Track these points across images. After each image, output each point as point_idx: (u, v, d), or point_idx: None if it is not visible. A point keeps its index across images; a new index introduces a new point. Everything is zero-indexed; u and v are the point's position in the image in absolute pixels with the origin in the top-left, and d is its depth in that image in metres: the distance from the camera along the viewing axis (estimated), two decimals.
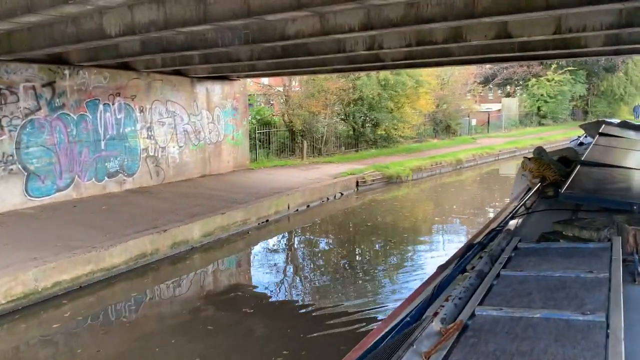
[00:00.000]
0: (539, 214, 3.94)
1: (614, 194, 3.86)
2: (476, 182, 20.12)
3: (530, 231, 3.41)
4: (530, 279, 2.28)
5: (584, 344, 1.65)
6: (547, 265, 2.41)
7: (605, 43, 8.38)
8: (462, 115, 30.84)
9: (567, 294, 2.04)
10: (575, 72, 38.86)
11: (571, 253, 2.56)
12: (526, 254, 2.69)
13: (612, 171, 4.69)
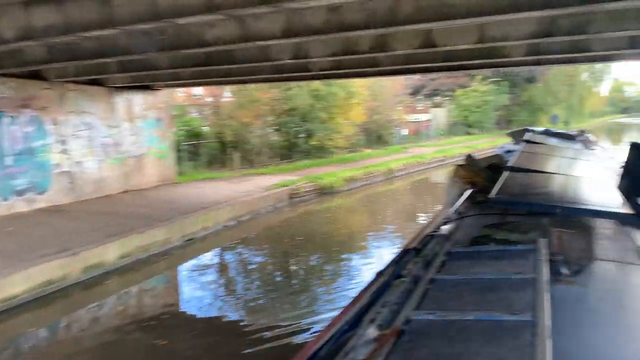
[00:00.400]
0: (470, 219, 4.05)
1: (539, 198, 3.99)
2: (408, 191, 20.31)
3: (463, 235, 3.49)
4: (462, 282, 2.33)
5: (513, 343, 1.69)
6: (478, 268, 2.48)
7: (526, 53, 8.50)
8: (394, 125, 31.28)
9: (497, 296, 2.09)
10: (499, 83, 40.56)
11: (500, 255, 2.62)
12: (458, 257, 2.74)
13: (537, 176, 4.84)
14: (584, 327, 2.04)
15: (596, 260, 2.75)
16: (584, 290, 2.41)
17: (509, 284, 2.20)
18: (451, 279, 2.44)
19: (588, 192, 4.36)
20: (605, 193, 4.26)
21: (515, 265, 2.42)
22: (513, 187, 4.23)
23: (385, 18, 6.15)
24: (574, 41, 7.87)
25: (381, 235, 12.76)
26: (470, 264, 2.59)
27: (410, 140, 33.27)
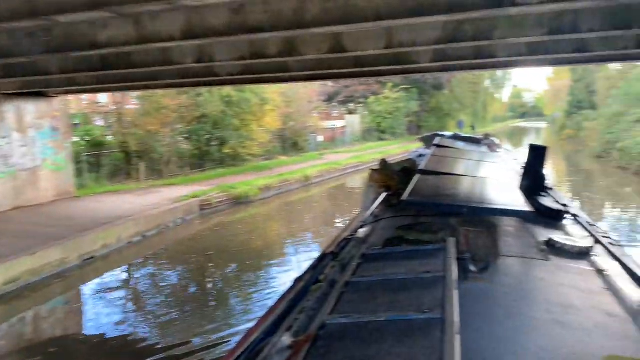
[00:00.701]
0: (385, 221, 4.09)
1: (448, 199, 4.11)
2: (325, 197, 20.22)
3: (378, 238, 3.53)
4: (376, 284, 2.35)
5: (423, 341, 1.72)
6: (391, 269, 2.50)
7: (433, 59, 8.54)
8: (309, 132, 31.25)
9: (409, 295, 2.11)
10: (408, 90, 41.91)
11: (412, 256, 2.67)
12: (372, 260, 2.76)
13: (446, 178, 4.99)
14: (491, 321, 2.09)
15: (501, 257, 2.85)
16: (490, 286, 2.48)
17: (420, 283, 2.23)
18: (365, 281, 2.45)
19: (493, 192, 4.49)
20: (508, 193, 4.40)
21: (426, 264, 2.46)
22: (424, 189, 4.33)
23: (291, 20, 5.84)
24: (478, 47, 8.00)
25: (299, 242, 12.58)
26: (384, 266, 2.61)
27: (326, 147, 33.39)
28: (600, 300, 2.37)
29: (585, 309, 2.25)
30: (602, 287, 2.56)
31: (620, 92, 33.07)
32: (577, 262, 2.93)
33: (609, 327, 2.08)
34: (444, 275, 2.23)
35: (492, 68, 9.83)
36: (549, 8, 5.44)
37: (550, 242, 3.17)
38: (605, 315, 2.19)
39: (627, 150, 23.07)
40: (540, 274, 2.72)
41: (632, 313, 2.24)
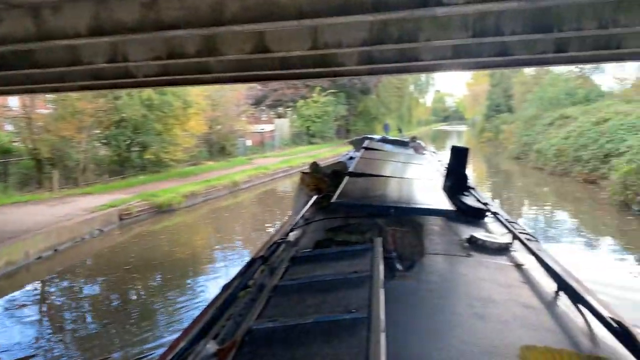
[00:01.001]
0: (315, 224, 4.13)
1: (376, 200, 4.16)
2: (255, 203, 19.74)
3: (308, 240, 3.56)
4: (304, 287, 2.32)
5: (350, 340, 1.72)
6: (319, 271, 2.48)
7: (359, 61, 8.39)
8: (237, 136, 30.62)
9: (336, 296, 2.10)
10: (337, 94, 42.16)
11: (340, 256, 2.65)
12: (301, 262, 2.75)
13: (374, 180, 5.06)
14: (416, 318, 2.13)
15: (426, 255, 2.91)
16: (415, 284, 2.52)
17: (347, 283, 2.23)
18: (293, 284, 2.43)
19: (418, 193, 4.61)
20: (433, 193, 4.53)
21: (354, 265, 2.46)
22: (353, 191, 4.37)
23: (208, 17, 5.44)
24: (403, 49, 7.93)
25: (228, 250, 12.23)
26: (313, 268, 2.60)
27: (255, 151, 32.88)
28: (518, 293, 2.46)
29: (504, 302, 2.31)
30: (520, 280, 2.66)
31: (535, 96, 34.94)
32: (497, 258, 3.03)
33: (526, 318, 2.15)
34: (371, 275, 2.23)
35: (417, 71, 9.86)
36: (474, 9, 5.38)
37: (472, 239, 3.29)
38: (522, 307, 2.26)
39: (542, 151, 24.27)
40: (462, 270, 2.80)
41: (547, 304, 2.34)
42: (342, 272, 2.39)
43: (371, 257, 2.49)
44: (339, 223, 3.73)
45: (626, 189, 13.21)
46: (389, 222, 3.14)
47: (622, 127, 18.55)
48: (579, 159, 19.72)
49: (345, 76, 10.51)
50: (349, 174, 5.22)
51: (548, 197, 18.75)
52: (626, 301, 7.82)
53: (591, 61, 8.83)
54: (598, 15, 5.79)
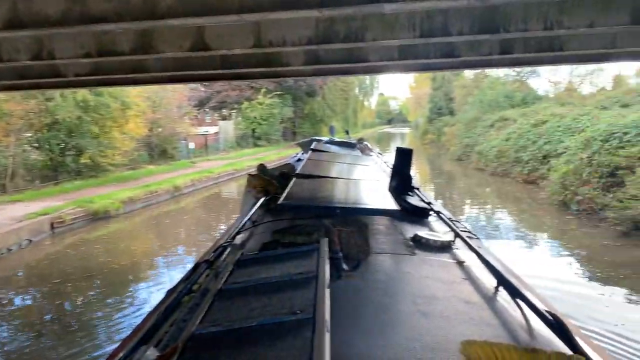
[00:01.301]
0: (262, 226, 4.08)
1: (323, 201, 4.21)
2: (198, 208, 19.12)
3: (254, 243, 3.51)
4: (249, 289, 2.30)
5: (294, 342, 1.72)
6: (265, 273, 2.45)
7: (305, 62, 8.12)
8: (179, 139, 29.73)
9: (281, 298, 2.09)
10: (282, 96, 41.85)
11: (286, 258, 2.64)
12: (247, 265, 2.71)
13: (321, 181, 5.09)
14: (362, 317, 2.14)
15: (371, 254, 2.93)
16: (361, 283, 2.53)
17: (292, 284, 2.22)
18: (238, 287, 2.38)
19: (364, 193, 4.66)
20: (378, 193, 4.57)
21: (300, 266, 2.45)
22: (300, 193, 4.37)
23: (141, 9, 5.01)
24: (351, 49, 7.74)
25: (171, 256, 11.83)
26: (258, 270, 2.56)
27: (199, 154, 32.07)
28: (460, 290, 2.51)
29: (446, 298, 2.37)
30: (462, 277, 2.71)
31: (475, 99, 35.88)
32: (439, 255, 3.10)
33: (467, 313, 2.20)
34: (317, 275, 2.22)
35: (364, 73, 9.70)
36: (422, 6, 5.24)
37: (416, 237, 3.35)
38: (464, 303, 2.31)
39: (484, 153, 24.86)
40: (407, 268, 2.84)
41: (487, 299, 2.40)
42: (288, 273, 2.37)
43: (317, 257, 2.48)
44: (286, 224, 3.70)
45: (565, 189, 13.60)
46: (336, 222, 3.14)
47: (559, 128, 19.21)
48: (519, 160, 20.27)
49: (290, 77, 10.22)
50: (296, 175, 5.22)
51: (490, 197, 19.17)
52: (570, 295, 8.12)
53: (534, 63, 8.94)
54: (543, 16, 5.77)
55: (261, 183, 5.37)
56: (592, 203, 12.28)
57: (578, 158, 13.50)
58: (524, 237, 12.49)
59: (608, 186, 12.34)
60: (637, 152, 12.13)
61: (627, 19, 5.62)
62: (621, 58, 8.42)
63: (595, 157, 13.00)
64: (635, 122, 13.07)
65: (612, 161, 12.42)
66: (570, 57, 8.30)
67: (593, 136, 13.75)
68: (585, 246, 10.77)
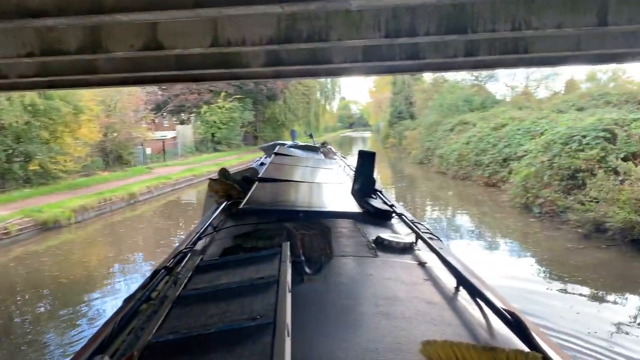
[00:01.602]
0: (224, 231, 4.01)
1: (286, 205, 4.14)
2: (156, 215, 18.43)
3: (216, 249, 3.46)
4: (209, 295, 2.25)
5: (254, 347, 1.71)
6: (225, 279, 2.41)
7: (266, 63, 7.77)
8: (136, 144, 28.77)
9: (242, 303, 2.06)
10: (243, 100, 41.28)
11: (248, 263, 2.60)
12: (207, 271, 2.65)
13: (284, 185, 5.04)
14: (324, 320, 2.14)
15: (334, 257, 2.93)
16: (324, 286, 2.52)
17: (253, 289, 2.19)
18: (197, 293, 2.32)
19: (327, 196, 4.66)
20: (341, 196, 4.55)
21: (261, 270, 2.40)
22: (263, 197, 4.33)
23: (86, 3, 4.59)
24: (314, 50, 7.45)
25: (129, 264, 11.51)
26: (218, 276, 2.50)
27: (156, 160, 31.16)
28: (421, 290, 2.53)
29: (407, 299, 2.38)
30: (423, 278, 2.73)
31: (435, 103, 36.27)
32: (401, 257, 3.11)
33: (428, 314, 2.21)
34: (278, 280, 2.19)
35: (327, 75, 9.43)
36: (390, 2, 4.99)
37: (378, 240, 3.35)
38: (425, 304, 2.33)
39: (445, 156, 25.02)
40: (369, 270, 2.84)
41: (448, 300, 2.42)
42: (249, 278, 2.32)
43: (279, 262, 2.44)
44: (248, 229, 3.62)
45: (527, 191, 13.69)
46: (298, 226, 3.08)
47: (519, 132, 19.46)
48: (480, 163, 20.44)
49: (250, 79, 9.85)
50: (259, 179, 5.14)
51: (452, 200, 19.23)
52: (533, 294, 8.22)
53: (499, 65, 8.87)
54: (512, 16, 5.63)
55: (223, 187, 5.30)
56: (553, 205, 12.38)
57: (539, 161, 13.62)
58: (486, 240, 12.51)
59: (569, 189, 12.47)
60: (595, 155, 12.30)
61: (594, 20, 5.54)
62: (585, 60, 8.44)
63: (556, 160, 13.14)
64: (593, 125, 13.28)
65: (572, 164, 12.57)
66: (535, 59, 8.24)
67: (553, 139, 13.91)
68: (548, 249, 10.82)
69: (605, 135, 12.75)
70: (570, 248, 10.47)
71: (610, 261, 9.80)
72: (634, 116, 13.32)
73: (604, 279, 8.98)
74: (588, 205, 10.97)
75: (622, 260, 9.70)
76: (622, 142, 12.33)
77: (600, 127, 13.04)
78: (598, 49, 7.27)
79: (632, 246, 9.96)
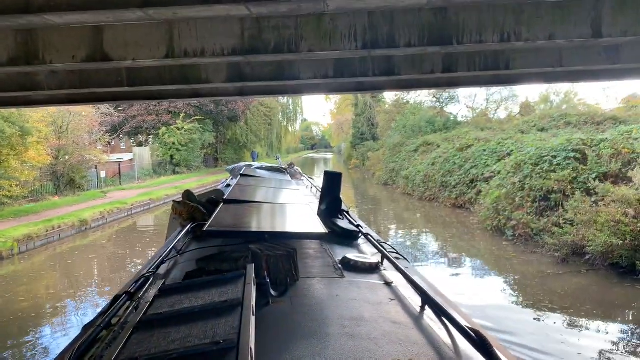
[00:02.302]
0: (188, 254, 3.94)
1: (251, 226, 4.12)
2: (109, 243, 17.23)
3: (179, 272, 3.41)
4: (171, 320, 2.23)
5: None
6: (188, 302, 2.38)
7: (228, 78, 7.09)
8: (89, 167, 27.39)
9: (205, 327, 2.04)
10: (203, 121, 40.29)
11: (211, 286, 2.56)
12: (169, 294, 2.60)
13: (250, 206, 5.00)
14: (289, 343, 2.10)
15: (300, 279, 2.92)
16: (289, 308, 2.50)
17: (216, 312, 2.16)
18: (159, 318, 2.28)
19: (293, 217, 4.60)
20: (307, 217, 4.49)
21: (225, 293, 2.37)
22: (228, 218, 4.25)
23: (9, 1, 3.84)
24: (281, 64, 6.85)
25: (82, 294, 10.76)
26: (181, 299, 2.45)
27: (111, 184, 29.77)
28: (387, 310, 2.51)
29: (373, 319, 2.37)
30: (390, 298, 2.72)
31: (398, 124, 36.23)
32: (368, 277, 3.10)
33: (395, 334, 2.21)
34: (242, 302, 2.17)
35: (294, 93, 8.78)
36: (369, 4, 4.45)
37: (345, 260, 3.35)
38: (391, 324, 2.33)
39: (410, 177, 24.72)
40: (335, 291, 2.81)
41: (414, 319, 2.42)
42: (212, 301, 2.30)
43: (243, 284, 2.41)
44: (212, 252, 3.57)
45: (498, 213, 13.33)
46: (263, 247, 3.05)
47: (485, 153, 19.30)
48: (447, 184, 20.16)
49: (212, 97, 9.10)
50: (224, 201, 5.12)
51: (421, 223, 18.75)
52: (512, 322, 7.99)
53: (476, 83, 8.45)
54: (500, 27, 5.15)
55: (187, 210, 5.24)
56: (527, 228, 12.02)
57: (510, 182, 13.30)
58: (459, 265, 11.99)
59: (541, 210, 12.16)
60: (567, 176, 12.06)
61: (588, 32, 5.13)
62: (566, 78, 8.11)
63: (527, 181, 12.85)
64: (562, 146, 13.10)
65: (544, 185, 12.28)
66: (514, 76, 7.87)
67: (524, 160, 13.65)
68: (524, 274, 10.36)
69: (576, 155, 12.56)
70: (548, 273, 10.05)
71: (589, 286, 9.42)
72: (602, 136, 13.19)
73: (586, 305, 8.57)
74: (566, 229, 10.62)
75: (602, 286, 9.33)
76: (593, 162, 12.14)
77: (570, 148, 12.86)
78: (580, 65, 6.93)
79: (612, 270, 9.63)
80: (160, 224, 20.99)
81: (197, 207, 5.21)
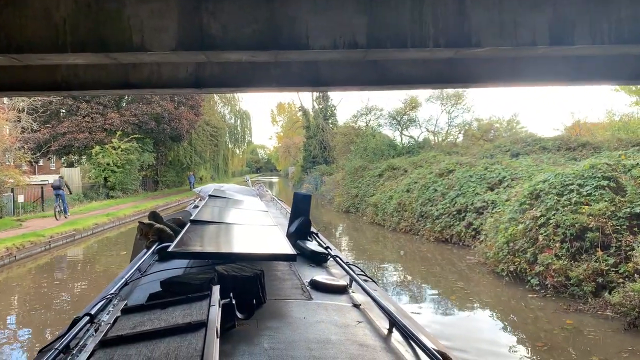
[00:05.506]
0: (152, 275, 3.81)
1: (217, 247, 3.99)
2: (7, 289, 13.41)
3: (142, 293, 3.26)
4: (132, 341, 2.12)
5: None
6: (150, 324, 2.29)
7: (180, 43, 4.13)
8: (4, 191, 23.19)
9: (166, 349, 1.96)
10: (142, 140, 36.51)
11: (175, 307, 2.44)
12: (131, 317, 2.49)
13: (217, 227, 4.85)
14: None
15: (267, 301, 2.82)
16: (254, 330, 2.44)
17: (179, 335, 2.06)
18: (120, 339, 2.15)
19: (261, 238, 4.53)
20: (275, 238, 4.33)
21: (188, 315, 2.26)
22: (194, 239, 4.09)
23: None
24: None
25: None
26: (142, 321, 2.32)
27: (32, 210, 25.51)
28: (354, 333, 2.48)
29: (340, 342, 2.32)
30: (357, 320, 2.69)
31: (358, 147, 33.89)
32: (336, 299, 3.04)
33: (361, 357, 2.17)
34: (206, 324, 2.08)
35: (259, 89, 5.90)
36: None
37: (313, 282, 3.30)
38: (358, 346, 2.29)
39: (380, 205, 21.98)
40: (302, 313, 2.75)
41: (381, 342, 2.40)
42: (175, 323, 2.19)
43: (208, 305, 2.33)
44: (178, 272, 3.52)
45: (514, 255, 10.75)
46: (230, 269, 2.91)
47: (472, 179, 16.90)
48: (428, 214, 17.53)
49: (151, 88, 5.94)
50: (191, 221, 4.90)
51: (408, 263, 15.42)
52: None
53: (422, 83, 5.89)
54: None
55: (153, 231, 5.10)
56: (560, 276, 9.45)
57: (529, 217, 10.76)
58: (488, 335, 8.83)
59: (574, 252, 9.68)
60: (604, 209, 9.68)
61: None
62: None
63: (552, 214, 10.37)
64: (588, 172, 10.79)
65: (576, 220, 9.83)
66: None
67: (542, 188, 11.20)
68: (588, 350, 7.60)
69: (609, 184, 10.25)
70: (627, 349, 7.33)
71: None
72: (633, 162, 10.98)
73: None
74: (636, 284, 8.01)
75: None
76: (633, 192, 9.84)
77: (599, 175, 10.55)
78: None
79: None
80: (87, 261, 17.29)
81: (163, 228, 5.11)
